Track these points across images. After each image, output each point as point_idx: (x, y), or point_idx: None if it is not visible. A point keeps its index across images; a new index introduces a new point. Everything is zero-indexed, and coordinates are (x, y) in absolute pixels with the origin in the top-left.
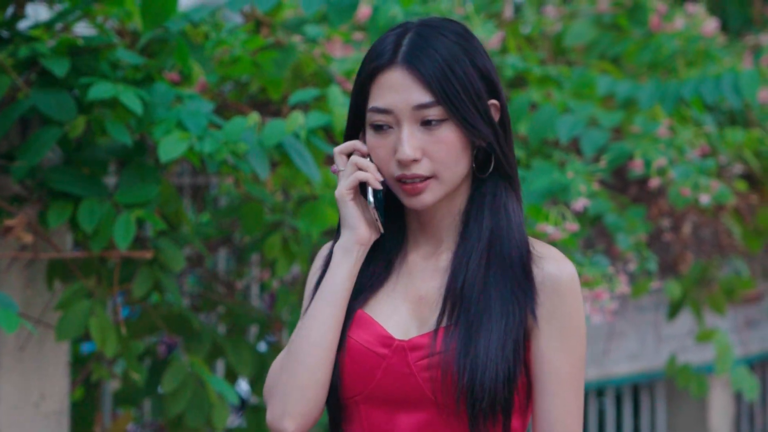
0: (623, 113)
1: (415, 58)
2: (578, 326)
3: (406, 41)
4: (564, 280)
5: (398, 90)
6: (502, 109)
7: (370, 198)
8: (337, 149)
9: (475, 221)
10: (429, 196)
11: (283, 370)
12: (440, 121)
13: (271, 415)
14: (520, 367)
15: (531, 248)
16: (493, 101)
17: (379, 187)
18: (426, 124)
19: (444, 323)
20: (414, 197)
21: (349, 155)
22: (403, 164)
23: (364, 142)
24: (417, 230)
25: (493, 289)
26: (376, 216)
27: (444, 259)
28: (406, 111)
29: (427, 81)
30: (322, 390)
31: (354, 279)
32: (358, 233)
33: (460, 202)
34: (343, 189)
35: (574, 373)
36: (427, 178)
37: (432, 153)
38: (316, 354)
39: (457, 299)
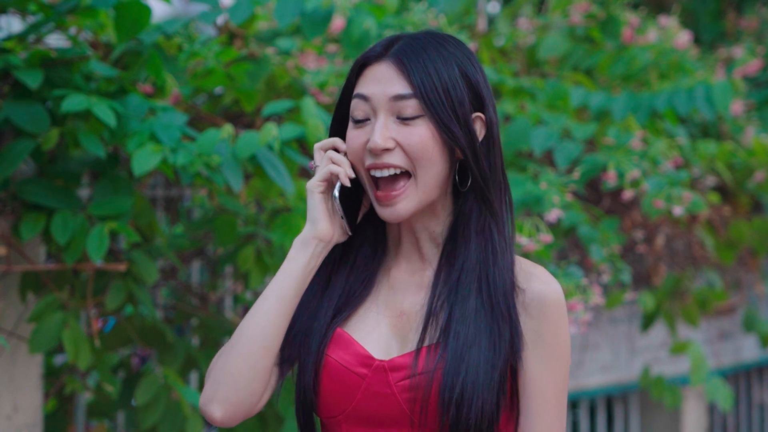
0: (597, 125)
1: (404, 55)
2: (563, 346)
3: (400, 42)
4: (551, 300)
5: (380, 81)
6: (490, 126)
7: (336, 193)
8: (317, 145)
9: (462, 240)
10: (404, 205)
11: (222, 356)
12: (416, 117)
13: (202, 399)
14: (505, 397)
15: (517, 266)
16: (479, 114)
17: (348, 183)
18: (402, 118)
19: (426, 343)
20: (388, 207)
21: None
22: (373, 153)
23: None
24: (398, 246)
25: (481, 318)
26: (342, 214)
27: (428, 275)
28: (384, 101)
29: (409, 75)
30: (256, 381)
31: (309, 276)
32: (317, 227)
33: (442, 218)
34: (315, 181)
35: (558, 393)
36: (402, 174)
37: (406, 145)
38: (253, 344)
39: (442, 321)
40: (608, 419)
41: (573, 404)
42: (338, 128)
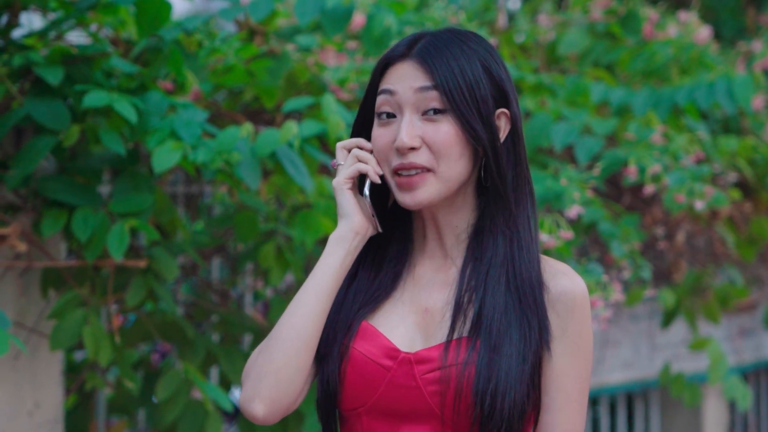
0: (617, 120)
1: (427, 54)
2: (587, 343)
3: (423, 41)
4: (577, 297)
5: (405, 78)
6: (515, 121)
7: (366, 191)
8: (339, 144)
9: (488, 235)
10: (424, 192)
11: (261, 354)
12: (441, 113)
13: (243, 398)
14: (534, 393)
15: (542, 264)
16: (503, 110)
17: (378, 180)
18: (427, 113)
19: (455, 336)
20: (408, 193)
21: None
22: (400, 152)
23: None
24: (423, 243)
25: (511, 311)
26: (372, 211)
27: (453, 272)
28: (409, 94)
29: (432, 72)
30: (298, 377)
31: (346, 271)
32: (353, 221)
33: (466, 213)
34: (341, 178)
35: (581, 389)
36: (425, 171)
37: (431, 143)
38: (296, 340)
39: (472, 315)
40: (629, 416)
41: (593, 401)
42: (362, 127)
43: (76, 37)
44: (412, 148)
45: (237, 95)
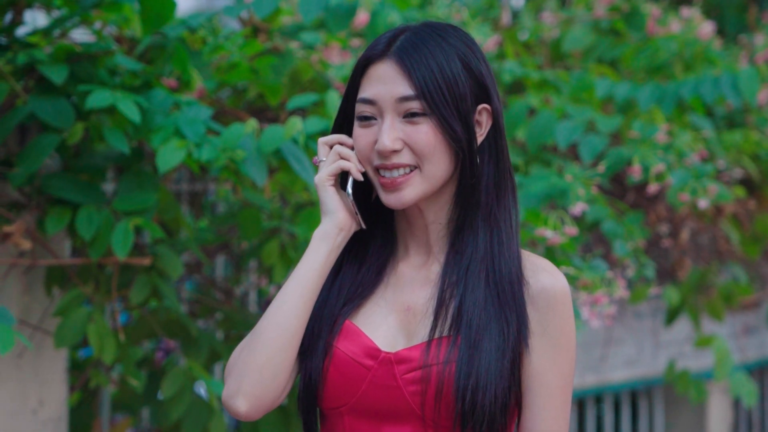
0: (622, 118)
1: (405, 53)
2: (569, 339)
3: (401, 38)
4: (558, 293)
5: (384, 81)
6: (496, 115)
7: (349, 189)
8: (321, 139)
9: (470, 230)
10: (409, 192)
11: (245, 350)
12: (421, 115)
13: (225, 394)
14: (516, 388)
15: (524, 260)
16: (484, 105)
17: (360, 177)
18: (408, 116)
19: (436, 335)
20: (393, 193)
21: (332, 148)
22: (382, 155)
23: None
24: (406, 239)
25: (491, 306)
26: (356, 209)
27: (434, 270)
28: (390, 102)
29: (411, 75)
30: (281, 374)
31: (330, 267)
32: (337, 218)
33: (448, 210)
34: (324, 175)
35: (564, 386)
36: (410, 169)
37: (413, 144)
38: (279, 337)
39: (453, 311)
40: (633, 414)
41: (597, 399)
42: (343, 122)
43: (80, 35)
44: (394, 151)
45: (241, 93)
